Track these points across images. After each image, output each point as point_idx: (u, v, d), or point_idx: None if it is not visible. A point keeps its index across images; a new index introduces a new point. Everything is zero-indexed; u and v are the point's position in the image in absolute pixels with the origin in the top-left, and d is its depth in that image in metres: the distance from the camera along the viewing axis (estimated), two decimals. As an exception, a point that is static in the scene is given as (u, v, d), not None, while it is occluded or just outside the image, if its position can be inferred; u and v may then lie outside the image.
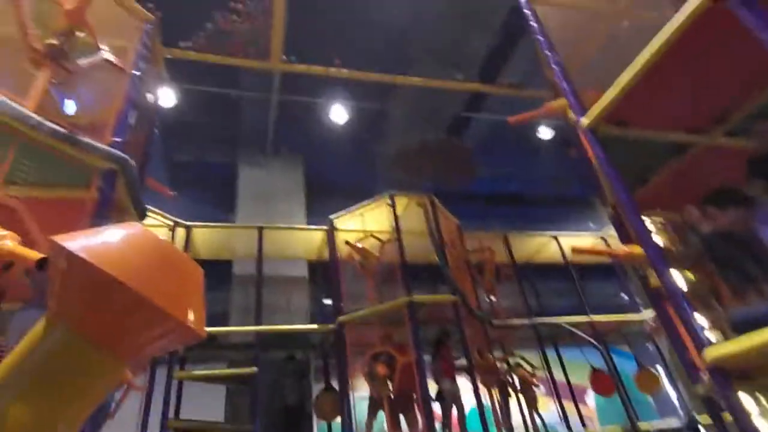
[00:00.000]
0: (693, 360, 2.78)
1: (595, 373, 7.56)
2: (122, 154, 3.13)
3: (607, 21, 3.66)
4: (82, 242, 0.70)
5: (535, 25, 3.57)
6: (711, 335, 2.45)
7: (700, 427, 6.63)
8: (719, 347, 2.25)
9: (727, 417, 2.38)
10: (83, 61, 3.16)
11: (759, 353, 2.04)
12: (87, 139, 2.95)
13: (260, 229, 7.14)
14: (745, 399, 2.22)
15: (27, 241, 1.98)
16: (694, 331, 2.44)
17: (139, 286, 0.66)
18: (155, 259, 0.73)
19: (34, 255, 1.82)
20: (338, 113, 8.83)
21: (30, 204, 2.79)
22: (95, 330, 0.70)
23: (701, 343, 2.38)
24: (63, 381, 0.69)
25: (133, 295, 0.66)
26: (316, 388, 7.64)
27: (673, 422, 7.46)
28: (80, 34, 3.11)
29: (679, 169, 3.47)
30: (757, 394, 2.26)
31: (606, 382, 7.44)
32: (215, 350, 7.53)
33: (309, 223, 8.66)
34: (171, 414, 5.59)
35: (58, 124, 2.83)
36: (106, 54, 3.26)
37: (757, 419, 2.14)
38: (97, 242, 0.71)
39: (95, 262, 0.66)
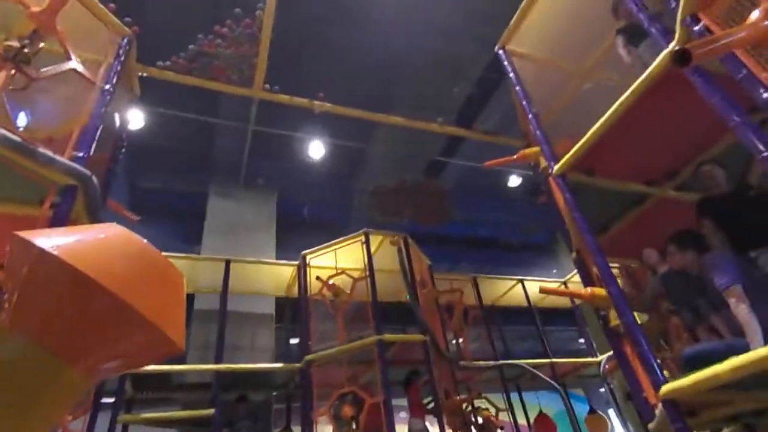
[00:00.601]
0: (647, 397, 2.91)
1: (539, 416, 7.66)
2: (84, 170, 2.94)
3: (575, 80, 4.03)
4: (55, 240, 0.61)
5: (512, 75, 3.90)
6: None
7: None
8: (674, 382, 2.42)
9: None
10: (48, 69, 2.91)
11: (708, 387, 2.21)
12: (45, 151, 2.75)
13: (227, 262, 6.97)
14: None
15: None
16: (652, 368, 2.59)
17: (120, 291, 0.59)
18: (137, 262, 0.67)
19: None
20: (316, 149, 8.91)
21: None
22: (61, 340, 0.61)
23: (657, 380, 2.54)
24: (16, 396, 0.60)
25: (113, 300, 0.59)
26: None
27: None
28: (43, 44, 2.90)
29: (636, 219, 3.78)
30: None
31: (548, 425, 7.54)
32: (166, 392, 7.08)
33: (278, 259, 8.54)
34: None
35: (11, 133, 2.63)
36: (75, 64, 3.01)
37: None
38: (72, 241, 0.63)
39: (71, 262, 0.58)
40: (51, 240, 0.60)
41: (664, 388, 2.43)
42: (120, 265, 0.63)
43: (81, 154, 3.07)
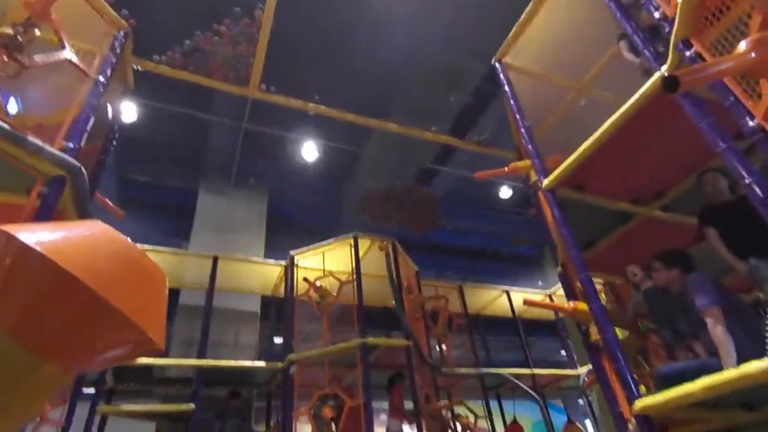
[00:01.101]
0: (622, 410, 2.96)
1: (511, 425, 7.70)
2: (74, 161, 2.90)
3: (569, 96, 4.09)
4: (39, 236, 0.61)
5: (507, 88, 3.95)
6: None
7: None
8: (648, 398, 2.47)
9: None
10: (41, 57, 2.88)
11: (680, 405, 2.27)
12: (35, 140, 2.70)
13: (215, 259, 6.93)
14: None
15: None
16: (628, 383, 2.65)
17: (101, 288, 0.60)
18: (120, 260, 0.67)
19: None
20: (309, 150, 8.89)
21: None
22: (39, 336, 0.61)
23: (632, 395, 2.59)
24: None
25: (94, 297, 0.59)
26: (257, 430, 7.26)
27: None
28: (38, 32, 2.86)
29: (622, 237, 3.83)
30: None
31: (519, 434, 7.59)
32: (147, 385, 7.01)
33: (266, 258, 8.51)
34: (90, 453, 5.08)
35: (0, 120, 2.59)
36: (69, 54, 3.00)
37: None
38: (56, 237, 0.63)
39: (53, 258, 0.58)
40: (34, 235, 0.60)
41: (638, 404, 2.49)
42: (102, 262, 0.64)
43: (71, 145, 3.01)
